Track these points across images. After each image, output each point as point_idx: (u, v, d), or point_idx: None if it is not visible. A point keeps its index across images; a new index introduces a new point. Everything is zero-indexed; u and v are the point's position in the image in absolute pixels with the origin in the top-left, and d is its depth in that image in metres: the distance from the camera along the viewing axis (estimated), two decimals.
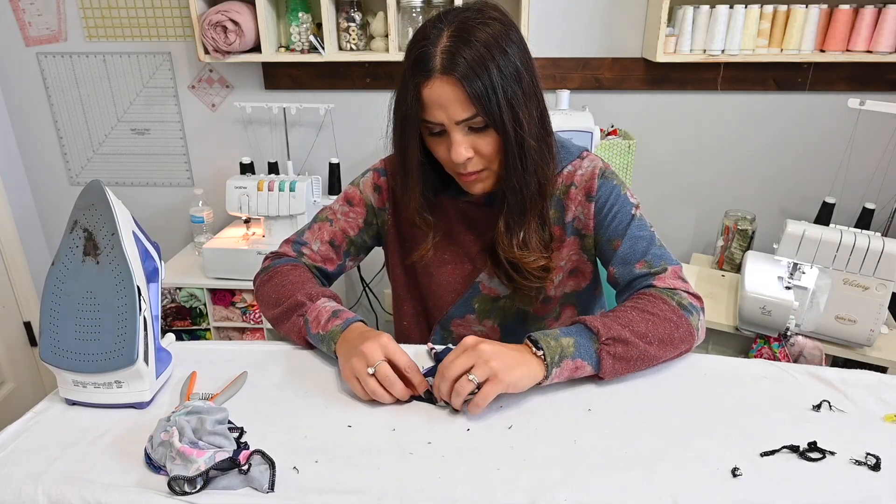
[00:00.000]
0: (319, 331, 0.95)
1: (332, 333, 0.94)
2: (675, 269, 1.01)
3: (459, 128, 0.93)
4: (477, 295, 1.14)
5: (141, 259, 0.85)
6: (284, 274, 1.07)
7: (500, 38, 0.90)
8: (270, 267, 1.11)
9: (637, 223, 1.04)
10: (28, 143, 2.43)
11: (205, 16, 1.96)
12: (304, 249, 1.14)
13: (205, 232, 2.28)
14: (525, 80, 0.92)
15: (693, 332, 0.95)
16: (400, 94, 0.95)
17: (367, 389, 0.84)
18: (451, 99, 0.90)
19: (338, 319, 0.95)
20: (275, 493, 0.69)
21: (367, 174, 1.16)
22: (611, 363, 0.87)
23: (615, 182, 1.06)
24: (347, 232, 1.15)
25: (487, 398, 0.80)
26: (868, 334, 1.65)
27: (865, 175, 2.13)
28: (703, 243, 2.37)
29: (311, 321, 0.97)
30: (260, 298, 1.10)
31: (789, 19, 1.88)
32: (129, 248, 0.82)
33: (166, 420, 0.74)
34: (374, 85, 2.23)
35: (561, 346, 0.86)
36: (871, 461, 0.74)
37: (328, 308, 0.98)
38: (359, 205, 1.15)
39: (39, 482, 0.71)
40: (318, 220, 1.16)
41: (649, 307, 0.94)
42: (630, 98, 2.16)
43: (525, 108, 0.93)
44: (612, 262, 1.05)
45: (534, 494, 0.69)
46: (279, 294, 1.04)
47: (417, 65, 0.91)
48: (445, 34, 0.90)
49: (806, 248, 1.65)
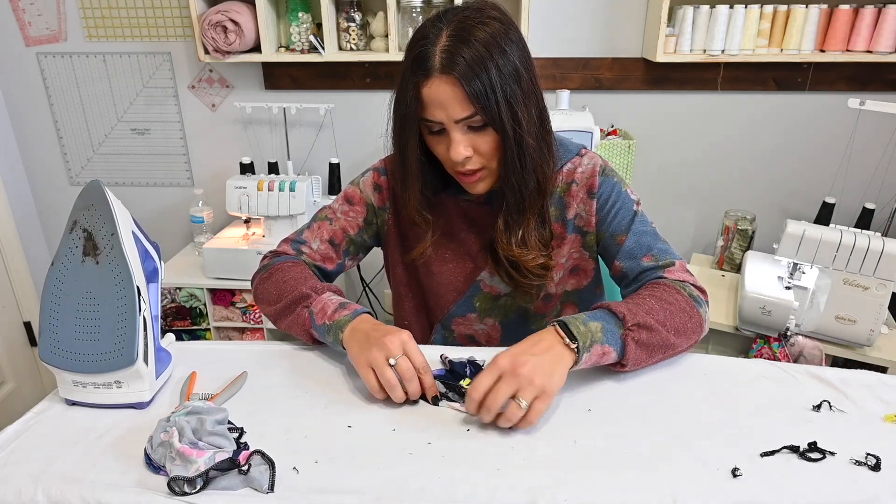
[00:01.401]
0: (326, 321, 0.94)
1: (340, 323, 0.93)
2: (681, 263, 1.03)
3: (458, 127, 0.93)
4: (478, 293, 1.14)
5: (141, 259, 0.85)
6: (285, 270, 1.07)
7: (500, 37, 0.90)
8: (270, 265, 1.10)
9: (640, 219, 1.05)
10: (28, 143, 2.43)
11: (205, 16, 1.96)
12: (304, 248, 1.13)
13: (205, 232, 2.28)
14: (524, 79, 0.93)
15: (703, 323, 0.97)
16: (399, 93, 0.96)
17: (383, 380, 0.84)
18: (450, 98, 0.90)
19: (345, 310, 0.94)
20: (275, 494, 0.69)
21: (368, 173, 1.16)
22: (634, 349, 0.87)
23: (616, 179, 1.07)
24: (347, 231, 1.15)
25: (540, 414, 0.79)
26: (868, 334, 1.65)
27: (865, 175, 2.13)
28: (703, 243, 2.37)
29: (316, 312, 0.96)
30: (259, 296, 1.09)
31: (789, 19, 1.88)
32: (129, 249, 0.82)
33: (166, 420, 0.74)
34: (374, 85, 2.23)
35: (591, 331, 0.86)
36: (871, 461, 0.74)
37: (334, 300, 0.97)
38: (359, 204, 1.15)
39: (39, 482, 0.71)
40: (318, 219, 1.16)
41: (666, 296, 0.95)
42: (630, 98, 2.16)
43: (524, 106, 0.93)
44: (617, 257, 1.06)
45: (534, 494, 0.69)
46: (280, 289, 1.04)
47: (417, 64, 0.91)
48: (445, 33, 0.90)
49: (806, 248, 1.65)
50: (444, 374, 0.91)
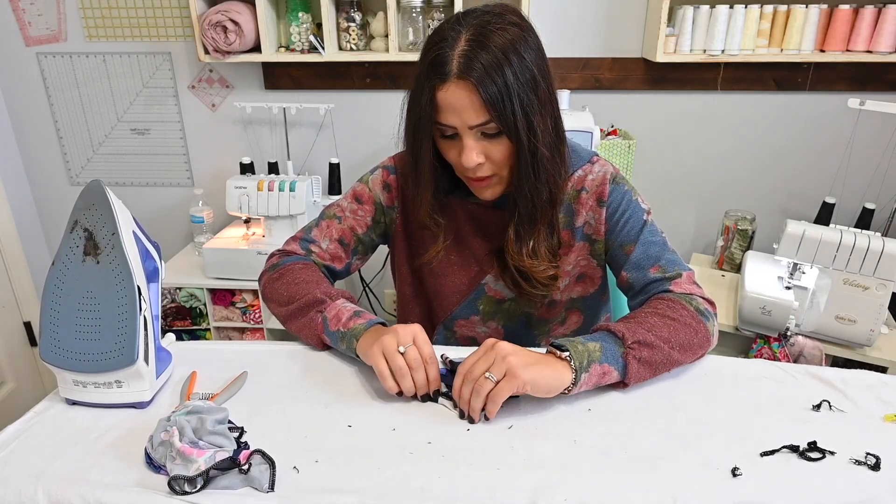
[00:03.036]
0: (340, 328, 0.94)
1: (356, 331, 0.92)
2: (689, 274, 1.02)
3: (472, 133, 0.92)
4: (482, 297, 1.14)
5: (141, 259, 0.85)
6: (296, 272, 1.06)
7: (519, 44, 0.89)
8: (280, 264, 1.09)
9: (649, 229, 1.04)
10: (28, 143, 2.43)
11: (205, 16, 1.96)
12: (313, 247, 1.12)
13: (205, 232, 2.28)
14: (541, 87, 0.91)
15: (710, 337, 0.95)
16: (414, 95, 0.94)
17: (394, 366, 0.84)
18: (465, 104, 0.89)
19: (360, 319, 0.94)
20: (275, 493, 0.69)
21: (377, 171, 1.15)
22: (636, 367, 0.86)
23: (626, 187, 1.06)
24: (356, 230, 1.14)
25: (500, 394, 0.79)
26: (868, 334, 1.65)
27: (865, 175, 2.13)
28: (703, 243, 2.37)
29: (330, 319, 0.96)
30: (269, 296, 1.08)
31: (789, 19, 1.88)
32: (130, 248, 0.82)
33: (166, 420, 0.74)
34: (374, 85, 2.23)
35: (588, 351, 0.85)
36: (871, 461, 0.74)
37: (349, 308, 0.97)
38: (367, 202, 1.14)
39: (39, 482, 0.71)
40: (327, 218, 1.15)
41: (670, 312, 0.93)
42: (630, 98, 2.16)
43: (540, 116, 0.92)
44: (624, 267, 1.05)
45: (534, 494, 0.69)
46: (292, 291, 1.03)
47: (434, 67, 0.89)
48: (464, 37, 0.88)
49: (806, 248, 1.65)
50: (445, 373, 0.91)
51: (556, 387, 0.82)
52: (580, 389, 0.84)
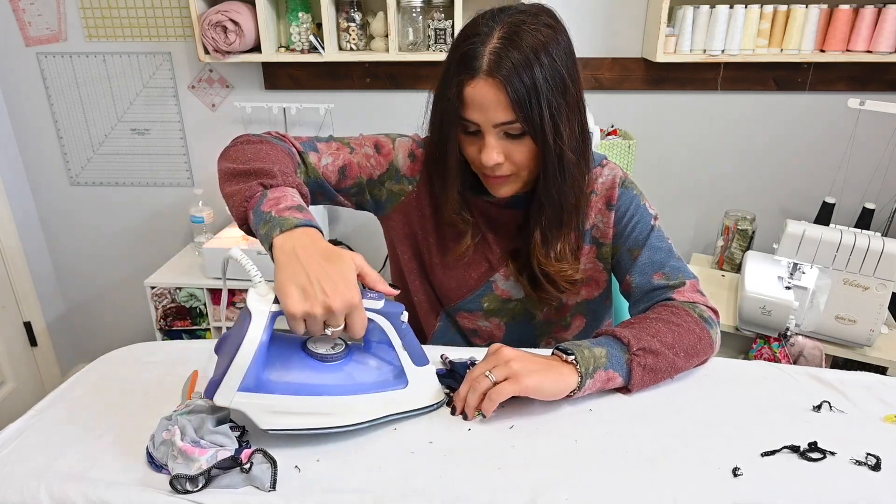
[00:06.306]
0: (272, 211, 0.80)
1: (285, 221, 0.77)
2: (693, 282, 1.02)
3: (495, 131, 0.91)
4: (488, 294, 1.13)
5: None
6: (272, 146, 0.95)
7: (551, 45, 0.88)
8: (263, 136, 0.99)
9: (656, 234, 1.05)
10: (28, 143, 2.43)
11: (205, 16, 1.96)
12: (311, 155, 1.02)
13: (205, 232, 2.28)
14: (570, 91, 0.91)
15: (713, 343, 0.96)
16: (441, 88, 0.93)
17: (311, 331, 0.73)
18: (492, 101, 0.88)
19: (300, 213, 0.80)
20: (276, 492, 0.69)
21: (405, 137, 1.09)
22: (640, 374, 0.86)
23: (635, 192, 1.06)
24: (362, 171, 1.06)
25: (500, 394, 0.79)
26: (868, 334, 1.65)
27: (865, 175, 2.13)
28: (703, 243, 2.37)
29: (269, 198, 0.82)
30: (226, 153, 0.96)
31: (789, 19, 1.88)
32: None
33: (168, 419, 0.74)
34: (374, 85, 2.23)
35: (594, 356, 0.85)
36: (871, 461, 0.74)
37: (297, 199, 0.84)
38: (385, 157, 1.07)
39: (42, 480, 0.71)
40: (339, 140, 1.06)
41: (674, 318, 0.94)
42: (630, 98, 2.16)
43: (567, 119, 0.91)
44: (629, 272, 1.05)
45: (534, 494, 0.69)
46: (251, 156, 0.91)
47: (463, 62, 0.88)
48: (496, 34, 0.88)
49: (806, 248, 1.66)
50: (445, 373, 0.91)
51: (562, 391, 0.83)
52: (583, 394, 0.85)
